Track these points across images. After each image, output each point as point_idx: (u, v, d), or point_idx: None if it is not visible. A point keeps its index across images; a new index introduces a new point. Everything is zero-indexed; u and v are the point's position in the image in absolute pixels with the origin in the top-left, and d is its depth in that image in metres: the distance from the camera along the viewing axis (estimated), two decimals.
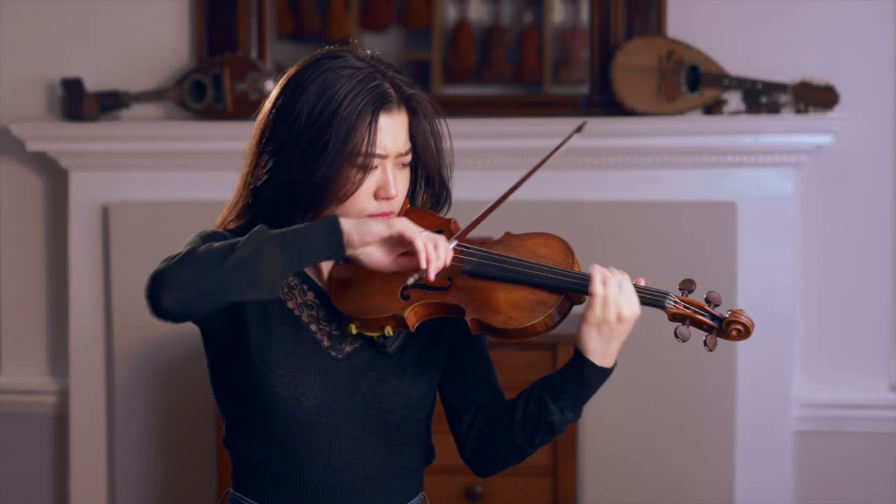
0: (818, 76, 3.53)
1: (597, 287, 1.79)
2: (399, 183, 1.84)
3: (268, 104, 1.86)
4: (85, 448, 3.79)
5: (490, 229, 1.98)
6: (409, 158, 1.85)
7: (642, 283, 1.83)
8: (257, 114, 1.88)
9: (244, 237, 1.70)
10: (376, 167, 1.82)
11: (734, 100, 3.60)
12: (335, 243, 1.70)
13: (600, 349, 1.82)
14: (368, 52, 1.88)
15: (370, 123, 1.79)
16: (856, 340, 3.65)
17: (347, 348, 1.87)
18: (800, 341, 3.66)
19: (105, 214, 3.74)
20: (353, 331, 1.82)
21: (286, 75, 1.86)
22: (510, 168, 3.63)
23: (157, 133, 3.71)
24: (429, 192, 1.94)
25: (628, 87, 3.58)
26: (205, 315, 1.77)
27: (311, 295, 1.88)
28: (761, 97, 3.52)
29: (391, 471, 1.89)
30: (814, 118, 3.49)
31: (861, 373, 3.65)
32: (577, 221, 3.59)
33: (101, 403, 3.77)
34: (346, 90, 1.79)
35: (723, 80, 3.54)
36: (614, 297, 1.79)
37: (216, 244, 1.71)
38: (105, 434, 3.78)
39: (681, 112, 3.57)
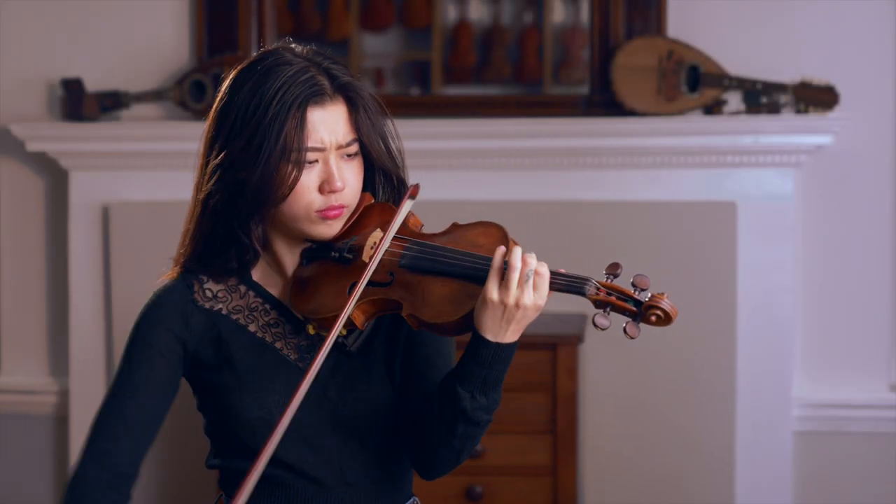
0: (818, 76, 3.53)
1: (495, 263, 1.70)
2: (346, 175, 1.80)
3: (209, 117, 1.85)
4: None
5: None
6: (354, 149, 1.82)
7: (562, 271, 1.73)
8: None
9: None
10: (316, 161, 1.79)
11: (734, 100, 3.60)
12: None
13: (492, 327, 1.71)
14: (306, 48, 1.85)
15: (299, 118, 1.76)
16: (856, 340, 3.65)
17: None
18: (800, 341, 3.66)
19: (105, 214, 3.74)
20: (312, 331, 1.81)
21: (222, 88, 1.84)
22: (510, 168, 3.63)
23: (157, 133, 3.71)
24: (388, 185, 1.89)
25: (628, 87, 3.58)
26: None
27: (273, 314, 1.87)
28: (761, 97, 3.52)
29: (374, 476, 1.86)
30: (814, 118, 3.49)
31: (861, 373, 3.65)
32: (577, 221, 3.59)
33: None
34: (276, 87, 1.77)
35: (723, 80, 3.54)
36: (516, 283, 1.69)
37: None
38: None
39: (681, 112, 3.57)
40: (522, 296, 1.69)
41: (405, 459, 1.90)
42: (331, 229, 1.83)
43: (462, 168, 3.61)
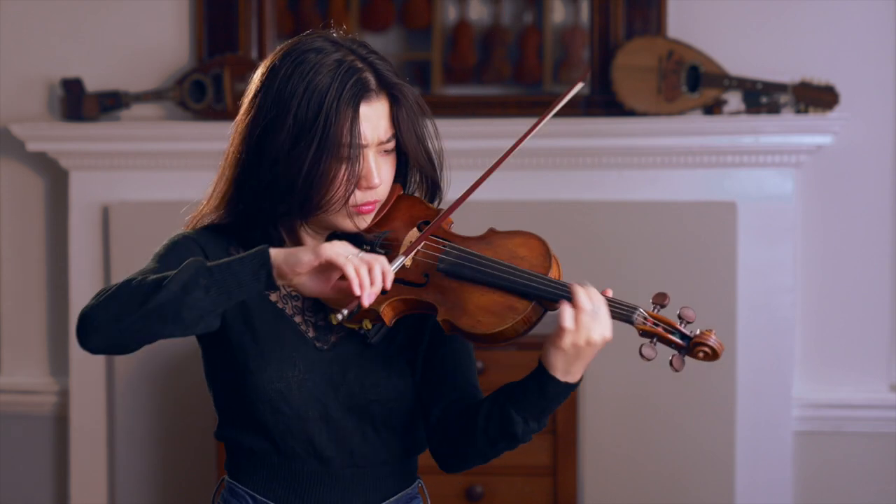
0: (818, 76, 3.54)
1: (567, 321, 1.73)
2: (383, 171, 1.83)
3: (248, 100, 1.84)
4: (85, 448, 3.79)
5: (482, 227, 1.96)
6: (391, 145, 1.84)
7: (610, 293, 1.77)
8: (241, 104, 1.86)
9: (172, 274, 1.65)
10: (357, 156, 1.80)
11: (734, 100, 3.60)
12: (264, 278, 1.65)
13: (563, 367, 1.77)
14: (349, 36, 1.86)
15: (351, 116, 1.78)
16: (855, 340, 3.65)
17: (333, 338, 1.87)
18: (799, 341, 3.66)
19: (105, 214, 3.74)
20: (335, 321, 1.82)
21: (265, 68, 1.83)
22: (510, 168, 3.63)
23: (157, 133, 3.71)
24: (422, 182, 1.93)
25: (628, 87, 3.58)
26: (138, 347, 1.73)
27: None
28: (761, 97, 3.52)
29: (382, 459, 1.89)
30: (814, 118, 3.49)
31: (861, 373, 3.65)
32: (577, 221, 3.59)
33: (101, 403, 3.77)
34: (326, 84, 1.78)
35: (723, 80, 3.54)
36: (587, 324, 1.73)
37: (149, 279, 1.67)
38: (105, 434, 3.78)
39: (681, 112, 3.57)
40: (592, 334, 1.73)
41: (414, 446, 1.93)
42: (363, 222, 1.85)
43: (462, 168, 3.59)
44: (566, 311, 1.73)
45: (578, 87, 1.89)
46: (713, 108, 3.57)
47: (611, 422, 3.62)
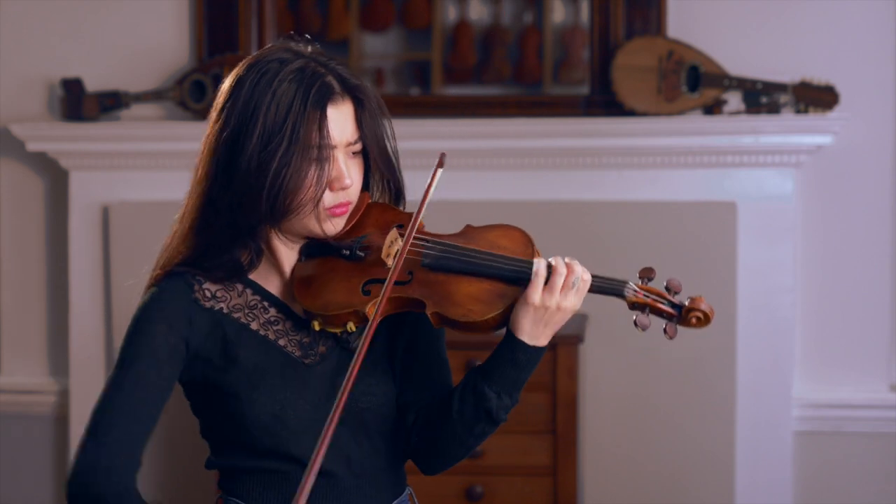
0: (818, 76, 3.54)
1: (540, 270, 1.78)
2: (352, 172, 1.84)
3: (216, 113, 1.85)
4: None
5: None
6: (358, 147, 1.85)
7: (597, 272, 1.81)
8: (209, 118, 1.87)
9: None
10: (326, 159, 1.82)
11: (734, 100, 3.60)
12: None
13: (530, 330, 1.79)
14: (309, 47, 1.88)
15: (317, 118, 1.79)
16: (855, 340, 3.65)
17: (320, 350, 1.87)
18: (799, 341, 3.66)
19: (105, 214, 3.74)
20: (317, 327, 1.82)
21: (231, 81, 1.86)
22: (510, 168, 3.63)
23: (157, 133, 3.71)
24: (385, 188, 1.93)
25: (628, 87, 3.58)
26: None
27: (273, 311, 1.88)
28: (761, 97, 3.52)
29: (379, 467, 1.89)
30: (814, 118, 3.49)
31: (861, 373, 3.65)
32: (577, 221, 3.59)
33: None
34: (293, 89, 1.80)
35: (723, 80, 3.54)
36: (559, 287, 1.78)
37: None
38: None
39: (681, 112, 3.57)
40: (565, 299, 1.78)
41: (401, 451, 1.93)
42: (336, 227, 1.86)
43: (462, 168, 3.61)
44: (539, 266, 1.78)
45: (439, 173, 1.88)
46: (713, 108, 3.57)
47: (611, 422, 3.62)
